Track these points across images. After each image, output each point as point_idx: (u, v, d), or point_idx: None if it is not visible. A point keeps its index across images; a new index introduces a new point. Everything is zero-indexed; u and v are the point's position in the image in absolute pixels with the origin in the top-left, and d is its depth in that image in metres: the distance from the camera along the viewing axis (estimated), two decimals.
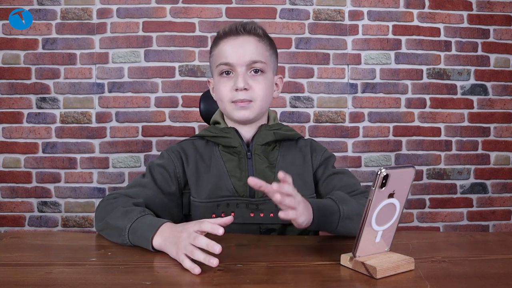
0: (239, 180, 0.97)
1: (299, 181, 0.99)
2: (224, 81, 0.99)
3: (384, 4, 2.21)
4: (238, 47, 0.98)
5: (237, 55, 0.97)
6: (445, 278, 0.64)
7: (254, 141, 1.00)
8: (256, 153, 1.00)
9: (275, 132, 1.02)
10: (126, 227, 0.79)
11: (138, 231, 0.77)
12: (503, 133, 2.27)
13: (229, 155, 1.01)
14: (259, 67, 0.99)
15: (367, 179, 2.21)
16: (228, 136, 1.01)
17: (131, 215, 0.80)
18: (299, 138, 1.08)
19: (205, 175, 0.99)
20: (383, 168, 0.62)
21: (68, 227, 2.13)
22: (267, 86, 1.00)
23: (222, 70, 0.99)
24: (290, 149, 1.05)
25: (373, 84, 2.22)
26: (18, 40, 2.11)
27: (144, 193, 0.93)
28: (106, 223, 0.84)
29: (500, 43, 2.25)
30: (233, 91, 0.97)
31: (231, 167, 0.99)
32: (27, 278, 0.64)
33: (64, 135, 2.13)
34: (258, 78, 0.99)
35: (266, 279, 0.64)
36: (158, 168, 0.99)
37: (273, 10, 2.19)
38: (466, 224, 2.25)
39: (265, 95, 1.00)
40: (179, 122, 2.16)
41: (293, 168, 1.01)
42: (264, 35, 1.02)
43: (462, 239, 0.91)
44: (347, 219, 0.81)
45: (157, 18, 2.15)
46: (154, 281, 0.63)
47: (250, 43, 0.98)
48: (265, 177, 0.97)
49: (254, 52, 0.98)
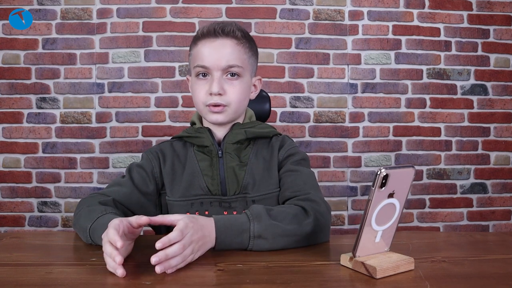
0: (212, 179, 0.99)
1: (267, 176, 1.00)
2: (200, 83, 1.00)
3: (384, 4, 2.21)
4: (215, 51, 0.98)
5: (213, 59, 0.97)
6: (445, 278, 0.64)
7: (225, 140, 1.02)
8: (227, 151, 1.01)
9: (246, 131, 1.02)
10: (87, 228, 0.81)
11: (97, 231, 0.78)
12: (503, 133, 2.27)
13: (203, 155, 1.02)
14: (235, 71, 0.99)
15: (367, 179, 2.21)
16: (201, 136, 1.02)
17: (92, 215, 0.83)
18: (274, 135, 1.07)
19: (179, 174, 1.01)
20: (383, 168, 0.62)
21: (68, 227, 2.13)
22: (242, 90, 1.00)
23: (198, 72, 1.00)
24: (264, 146, 1.05)
25: (373, 84, 2.22)
26: (18, 40, 2.11)
27: (120, 191, 0.96)
28: (75, 223, 0.88)
29: (500, 43, 2.25)
30: (208, 94, 0.98)
31: (204, 166, 1.00)
32: (27, 278, 0.64)
33: (64, 135, 2.13)
34: (234, 82, 0.99)
35: (266, 279, 0.64)
36: (137, 168, 1.01)
37: (273, 10, 2.19)
38: (466, 224, 2.25)
39: (240, 99, 1.00)
40: (179, 122, 2.16)
41: (263, 164, 1.02)
42: (243, 36, 1.01)
43: (462, 239, 0.91)
44: (259, 238, 0.77)
45: (157, 18, 2.15)
46: (154, 281, 0.63)
47: (227, 47, 0.98)
48: (236, 175, 0.99)
49: (231, 56, 0.98)
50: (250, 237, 0.77)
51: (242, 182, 0.99)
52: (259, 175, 1.00)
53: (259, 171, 1.00)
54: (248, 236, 0.77)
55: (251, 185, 0.99)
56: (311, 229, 0.81)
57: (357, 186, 2.22)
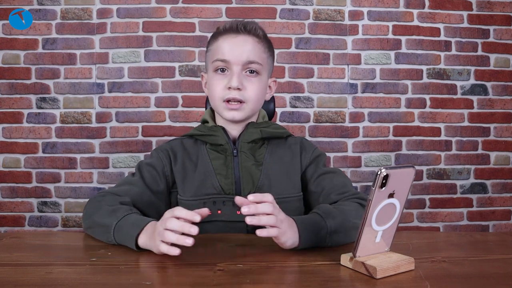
0: (226, 178, 0.98)
1: (286, 179, 1.00)
2: (218, 78, 0.99)
3: (384, 4, 2.21)
4: (237, 46, 0.98)
5: (234, 53, 0.97)
6: (445, 278, 0.64)
7: (240, 139, 1.01)
8: (243, 150, 1.00)
9: (262, 130, 1.02)
10: (112, 225, 0.79)
11: (123, 229, 0.78)
12: (503, 133, 2.27)
13: (216, 153, 1.01)
14: (254, 68, 0.99)
15: (367, 179, 2.21)
16: (215, 134, 1.01)
17: (117, 214, 0.81)
18: (288, 136, 1.08)
19: (191, 173, 1.00)
20: (383, 168, 0.62)
21: (68, 227, 2.13)
22: (260, 88, 1.01)
23: (217, 67, 0.99)
24: (279, 147, 1.05)
25: (373, 84, 2.22)
26: (18, 40, 2.11)
27: (132, 191, 0.94)
28: (93, 221, 0.85)
29: (500, 43, 2.25)
30: (226, 89, 0.97)
31: (218, 165, 0.99)
32: (27, 278, 0.64)
33: (64, 135, 2.13)
34: (253, 79, 0.99)
35: (266, 279, 0.64)
36: (147, 166, 1.00)
37: (273, 10, 2.19)
38: (466, 224, 2.25)
39: (258, 97, 1.00)
40: (179, 122, 2.16)
41: (280, 166, 1.01)
42: (263, 36, 1.02)
43: (462, 239, 0.91)
44: (335, 233, 0.79)
45: (157, 18, 2.15)
46: (154, 281, 0.63)
47: (248, 43, 0.98)
48: (251, 174, 0.98)
49: (251, 53, 0.98)
50: (327, 233, 0.78)
51: (258, 182, 0.98)
52: (275, 176, 1.00)
53: (275, 172, 1.00)
54: (325, 232, 0.78)
55: (267, 186, 0.98)
56: None
57: (357, 186, 2.22)
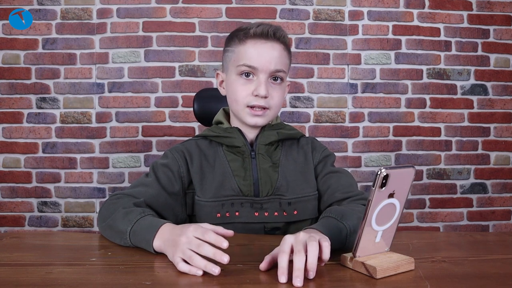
0: (244, 180, 0.98)
1: (302, 179, 1.01)
2: (243, 82, 0.98)
3: (384, 4, 2.21)
4: (266, 53, 0.97)
5: (262, 61, 0.96)
6: (445, 278, 0.64)
7: (257, 141, 1.01)
8: (260, 152, 1.00)
9: (279, 132, 1.03)
10: (127, 231, 0.79)
11: (138, 234, 0.77)
12: (503, 133, 2.27)
13: (233, 155, 1.01)
14: (280, 76, 0.99)
15: (367, 179, 2.21)
16: (231, 136, 1.01)
17: (131, 217, 0.80)
18: (301, 136, 1.09)
19: (209, 174, 0.99)
20: (383, 168, 0.62)
21: (68, 227, 2.13)
22: (283, 95, 1.02)
23: (242, 71, 0.98)
24: (292, 148, 1.06)
25: (373, 84, 2.22)
26: (18, 40, 2.11)
27: (147, 193, 0.93)
28: (108, 225, 0.84)
29: (500, 43, 2.25)
30: (251, 95, 0.97)
31: (235, 167, 0.99)
32: (27, 278, 0.64)
33: (64, 135, 2.13)
34: (277, 87, 1.00)
35: (266, 279, 0.64)
36: (162, 167, 0.98)
37: (273, 10, 2.19)
38: (466, 224, 2.25)
39: (280, 103, 1.02)
40: (179, 122, 2.16)
41: (295, 166, 1.02)
42: (288, 43, 1.03)
43: (462, 239, 0.91)
44: (354, 233, 0.78)
45: (157, 18, 2.15)
46: (154, 281, 0.63)
47: (276, 50, 0.98)
48: (269, 176, 0.99)
49: (279, 61, 0.98)
50: (347, 234, 0.77)
51: (276, 183, 0.98)
52: (292, 176, 1.00)
53: (291, 172, 1.01)
54: (346, 233, 0.77)
55: (284, 187, 0.99)
56: None
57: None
